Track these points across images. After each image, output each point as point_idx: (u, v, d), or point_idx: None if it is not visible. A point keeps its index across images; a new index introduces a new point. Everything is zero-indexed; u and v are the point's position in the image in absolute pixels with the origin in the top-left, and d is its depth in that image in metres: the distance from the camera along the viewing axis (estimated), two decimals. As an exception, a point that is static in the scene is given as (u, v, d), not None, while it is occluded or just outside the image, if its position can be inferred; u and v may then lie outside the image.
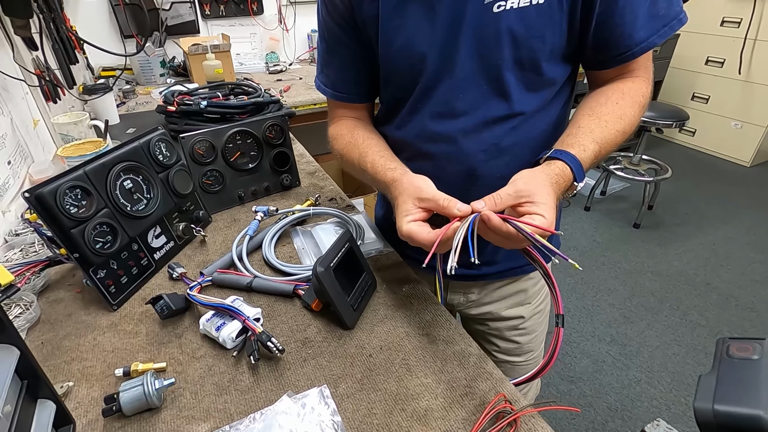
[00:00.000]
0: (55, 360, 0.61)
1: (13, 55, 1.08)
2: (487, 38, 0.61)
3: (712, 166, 3.42)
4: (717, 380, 0.23)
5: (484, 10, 0.59)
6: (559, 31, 0.61)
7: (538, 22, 0.59)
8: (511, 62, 0.62)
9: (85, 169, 0.66)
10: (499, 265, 0.83)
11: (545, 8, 0.58)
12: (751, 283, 2.22)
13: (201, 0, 2.28)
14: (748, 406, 0.22)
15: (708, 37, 3.38)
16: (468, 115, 0.67)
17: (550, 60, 0.64)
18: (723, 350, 0.25)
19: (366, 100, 0.81)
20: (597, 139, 0.60)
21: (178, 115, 1.26)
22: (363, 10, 0.66)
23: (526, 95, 0.66)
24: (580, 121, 0.63)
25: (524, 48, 0.61)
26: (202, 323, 0.62)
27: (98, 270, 0.67)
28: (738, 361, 0.23)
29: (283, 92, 1.97)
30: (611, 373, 1.76)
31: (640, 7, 0.59)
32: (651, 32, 0.61)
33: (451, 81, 0.65)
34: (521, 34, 0.60)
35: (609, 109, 0.63)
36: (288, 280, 0.72)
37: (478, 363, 0.59)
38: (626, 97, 0.64)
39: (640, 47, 0.61)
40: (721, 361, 0.24)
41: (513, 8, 0.58)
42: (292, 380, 0.56)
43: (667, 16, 0.60)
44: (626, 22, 0.60)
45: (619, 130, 0.62)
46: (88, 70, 1.88)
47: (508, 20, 0.59)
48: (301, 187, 1.07)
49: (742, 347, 0.24)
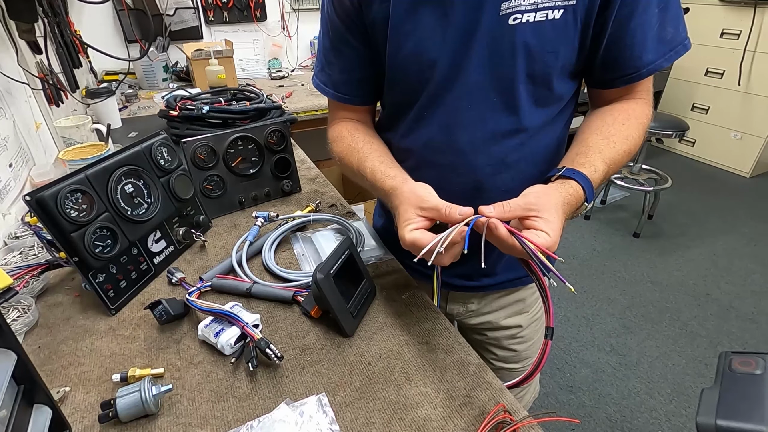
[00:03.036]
0: (52, 364, 0.60)
1: (17, 59, 1.09)
2: (501, 50, 0.61)
3: (712, 177, 3.42)
4: (720, 395, 0.23)
5: (499, 22, 0.59)
6: (571, 47, 0.62)
7: (552, 37, 0.60)
8: (524, 75, 0.62)
9: (86, 173, 0.66)
10: (498, 277, 0.83)
11: (560, 24, 0.59)
12: (750, 294, 2.21)
13: (205, 6, 2.30)
14: (752, 421, 0.22)
15: (708, 48, 3.40)
16: (477, 127, 0.66)
17: (561, 76, 0.64)
18: (726, 364, 0.25)
19: (368, 102, 0.80)
20: (606, 160, 0.61)
21: (180, 119, 1.27)
22: (372, 12, 0.65)
23: (535, 110, 0.66)
24: (588, 140, 0.64)
25: (538, 62, 0.61)
26: (200, 329, 0.62)
27: (97, 274, 0.67)
28: (741, 376, 0.23)
29: (285, 98, 1.98)
30: (611, 383, 1.75)
31: (649, 31, 0.60)
32: (658, 56, 0.61)
33: (461, 91, 0.65)
34: (536, 48, 0.60)
35: (616, 129, 0.64)
36: (287, 287, 0.72)
37: (477, 372, 0.59)
38: (632, 119, 0.65)
39: (647, 69, 0.62)
40: (723, 376, 0.24)
41: (529, 22, 0.58)
42: (291, 388, 0.56)
43: (673, 41, 0.61)
44: (636, 44, 0.60)
45: (626, 151, 0.63)
46: (91, 73, 1.89)
47: (524, 34, 0.59)
48: (301, 192, 1.07)
49: (745, 362, 0.24)
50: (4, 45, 1.06)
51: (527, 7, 0.58)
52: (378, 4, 0.65)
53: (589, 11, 0.59)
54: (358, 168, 0.72)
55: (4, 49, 1.06)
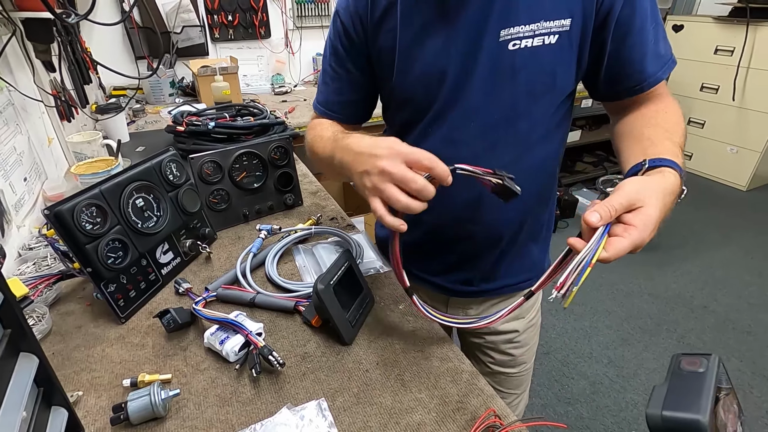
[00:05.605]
0: (65, 370, 0.63)
1: (33, 77, 1.14)
2: (501, 72, 0.66)
3: (709, 190, 3.46)
4: (667, 390, 0.26)
5: (500, 47, 0.64)
6: (568, 68, 0.66)
7: (549, 60, 0.64)
8: (522, 94, 0.67)
9: (101, 188, 0.70)
10: (497, 282, 0.86)
11: (556, 48, 0.63)
12: (748, 306, 2.23)
13: (211, 24, 2.37)
14: (690, 411, 0.25)
15: (702, 64, 3.47)
16: (477, 141, 0.71)
17: (559, 94, 0.69)
18: (675, 364, 0.28)
19: (354, 121, 0.85)
20: (676, 143, 0.59)
21: (186, 134, 1.31)
22: (380, 40, 0.72)
23: (534, 126, 0.70)
24: (644, 134, 0.61)
25: (536, 83, 0.66)
26: (206, 337, 0.65)
27: (109, 284, 0.70)
28: (687, 374, 0.26)
29: (288, 113, 2.03)
30: (608, 395, 1.76)
31: (647, 46, 0.64)
32: (657, 68, 0.66)
33: (464, 108, 0.70)
34: (534, 70, 0.65)
35: (662, 118, 0.63)
36: (289, 297, 0.75)
37: (470, 379, 0.61)
38: (669, 109, 0.66)
39: (649, 81, 0.66)
40: (672, 374, 0.27)
41: (527, 47, 0.63)
42: (292, 393, 0.59)
43: (666, 56, 0.66)
44: (636, 60, 0.65)
45: (683, 133, 0.62)
46: (100, 89, 1.95)
47: (523, 58, 0.64)
48: (303, 206, 1.10)
49: (691, 361, 0.28)
50: (21, 64, 1.12)
51: (525, 33, 0.63)
52: (385, 33, 0.71)
53: (584, 34, 0.64)
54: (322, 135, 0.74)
55: (21, 68, 1.11)
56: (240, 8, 2.39)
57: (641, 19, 0.62)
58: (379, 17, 0.71)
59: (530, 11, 0.62)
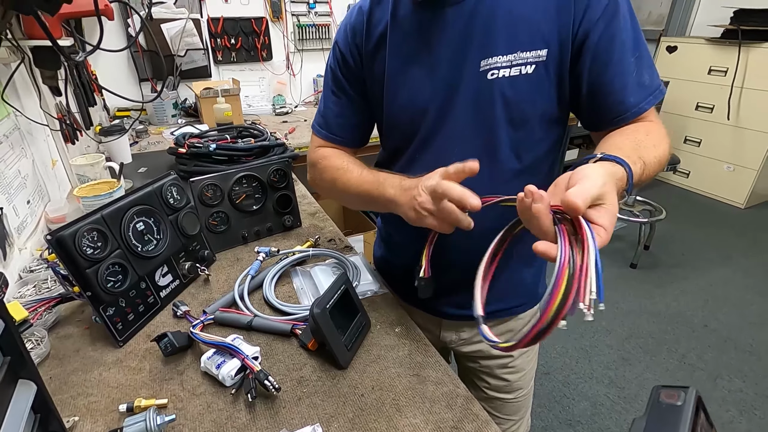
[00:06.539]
0: (62, 395, 0.63)
1: (39, 102, 1.16)
2: (482, 100, 0.68)
3: (707, 208, 3.47)
4: (646, 423, 0.27)
5: (480, 77, 0.67)
6: (548, 97, 0.68)
7: (528, 89, 0.66)
8: (503, 121, 0.69)
9: (102, 213, 0.72)
10: (489, 307, 0.86)
11: (534, 77, 0.65)
12: (749, 325, 2.22)
13: (214, 47, 2.43)
14: (667, 446, 0.26)
15: (697, 84, 3.53)
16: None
17: (541, 121, 0.70)
18: (655, 397, 0.29)
19: (353, 145, 0.88)
20: (642, 157, 0.57)
21: (188, 156, 1.34)
22: (373, 69, 0.76)
23: (517, 152, 0.72)
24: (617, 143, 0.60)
25: (515, 110, 0.68)
26: (203, 361, 0.66)
27: (108, 308, 0.71)
28: (665, 407, 0.27)
29: (288, 134, 2.06)
30: (610, 416, 1.74)
31: (628, 77, 0.64)
32: (640, 99, 0.65)
33: (448, 135, 0.72)
34: (513, 98, 0.67)
35: (642, 137, 0.62)
36: (286, 320, 0.76)
37: (465, 404, 0.62)
38: (653, 132, 0.64)
39: (631, 112, 0.66)
40: (651, 406, 0.28)
41: (505, 77, 0.66)
42: (287, 418, 0.59)
43: (651, 86, 0.66)
44: (616, 91, 0.65)
45: (656, 157, 0.60)
46: (104, 110, 1.99)
47: (501, 86, 0.66)
48: (302, 227, 1.12)
49: (670, 394, 0.28)
50: (28, 90, 1.15)
51: (503, 64, 0.65)
52: (378, 62, 0.75)
53: (561, 64, 0.65)
54: (359, 174, 0.78)
55: (28, 93, 1.14)
56: (243, 32, 2.46)
57: (620, 51, 0.63)
58: (374, 47, 0.76)
59: (508, 42, 0.64)
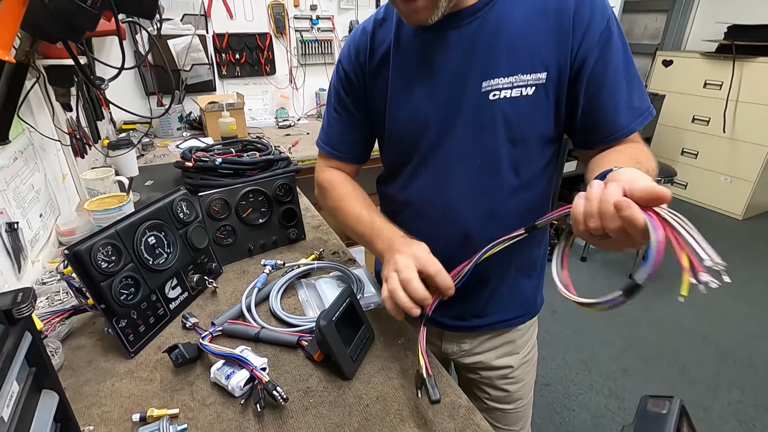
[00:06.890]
0: (76, 405, 0.65)
1: (52, 118, 1.20)
2: (483, 119, 0.71)
3: (705, 219, 3.50)
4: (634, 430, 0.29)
5: (481, 97, 0.70)
6: (547, 117, 0.71)
7: (527, 110, 0.70)
8: (504, 140, 0.72)
9: (116, 228, 0.74)
10: (489, 318, 0.89)
11: (534, 99, 0.69)
12: (748, 337, 2.23)
13: (219, 62, 2.48)
14: (653, 452, 0.28)
15: (692, 97, 3.59)
16: (463, 183, 0.76)
17: (540, 140, 0.74)
18: (643, 406, 0.31)
19: (357, 161, 0.92)
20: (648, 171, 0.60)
21: (194, 170, 1.37)
22: (376, 87, 0.80)
23: (517, 169, 0.75)
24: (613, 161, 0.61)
25: (516, 130, 0.71)
26: (213, 372, 0.68)
27: (120, 319, 0.73)
28: (652, 415, 0.30)
29: (292, 147, 2.10)
30: (610, 428, 1.74)
31: (620, 100, 0.68)
32: (630, 120, 0.69)
33: (448, 152, 0.75)
34: (513, 118, 0.70)
35: (635, 153, 0.66)
36: (292, 332, 0.78)
37: (466, 414, 0.64)
38: (643, 151, 0.68)
39: (622, 132, 0.69)
40: (639, 415, 0.30)
41: (506, 98, 0.69)
42: (294, 428, 0.61)
43: (641, 108, 0.70)
44: (608, 112, 0.69)
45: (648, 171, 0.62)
46: (111, 123, 2.03)
47: (502, 107, 0.70)
48: (306, 240, 1.14)
49: (656, 404, 0.31)
50: (41, 106, 1.18)
51: (504, 85, 0.69)
52: (381, 80, 0.78)
53: (559, 87, 0.69)
54: (358, 213, 0.82)
55: (41, 110, 1.17)
56: (247, 47, 2.51)
57: (613, 76, 0.67)
58: (376, 67, 0.79)
59: (509, 65, 0.68)
